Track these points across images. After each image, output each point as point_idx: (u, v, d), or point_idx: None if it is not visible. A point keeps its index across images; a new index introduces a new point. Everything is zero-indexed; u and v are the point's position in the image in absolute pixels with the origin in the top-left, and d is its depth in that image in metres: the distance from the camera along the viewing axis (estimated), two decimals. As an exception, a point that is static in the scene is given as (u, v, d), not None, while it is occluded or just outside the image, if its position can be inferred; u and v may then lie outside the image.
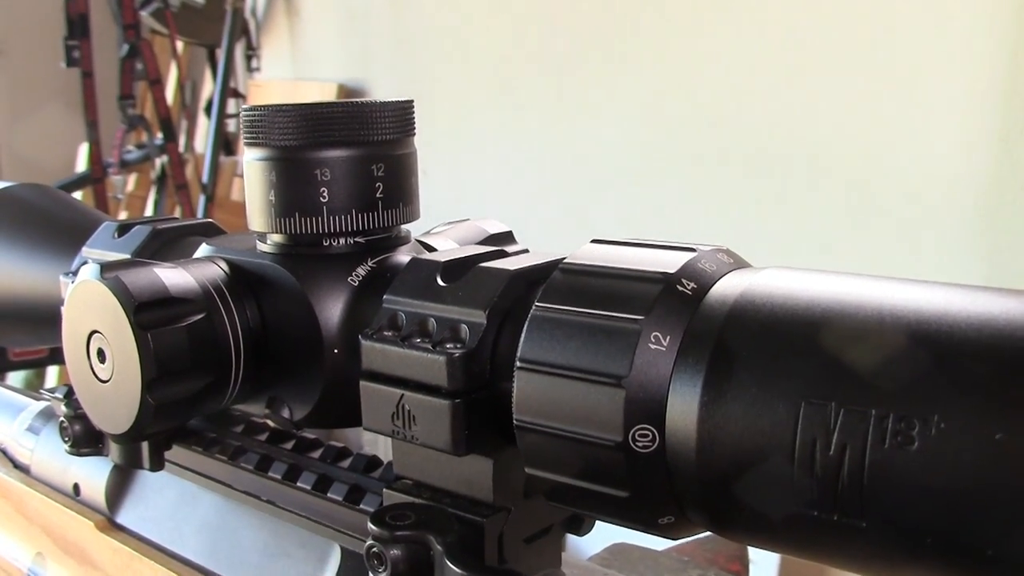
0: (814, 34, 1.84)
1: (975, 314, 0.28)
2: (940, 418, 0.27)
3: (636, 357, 0.32)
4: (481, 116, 2.63)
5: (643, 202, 2.22)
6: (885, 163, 1.77)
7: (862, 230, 1.82)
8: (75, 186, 2.98)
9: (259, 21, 3.33)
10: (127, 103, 2.84)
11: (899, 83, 1.73)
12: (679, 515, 0.33)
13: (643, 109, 2.18)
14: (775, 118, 1.92)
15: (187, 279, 0.43)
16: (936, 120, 1.69)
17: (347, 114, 0.42)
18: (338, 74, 3.07)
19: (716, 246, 0.36)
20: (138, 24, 2.83)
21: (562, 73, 2.37)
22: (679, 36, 2.09)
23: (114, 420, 0.43)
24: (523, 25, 2.46)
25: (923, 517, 0.27)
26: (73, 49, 2.76)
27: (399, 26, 2.88)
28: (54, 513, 0.61)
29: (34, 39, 3.32)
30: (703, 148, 2.07)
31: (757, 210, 1.98)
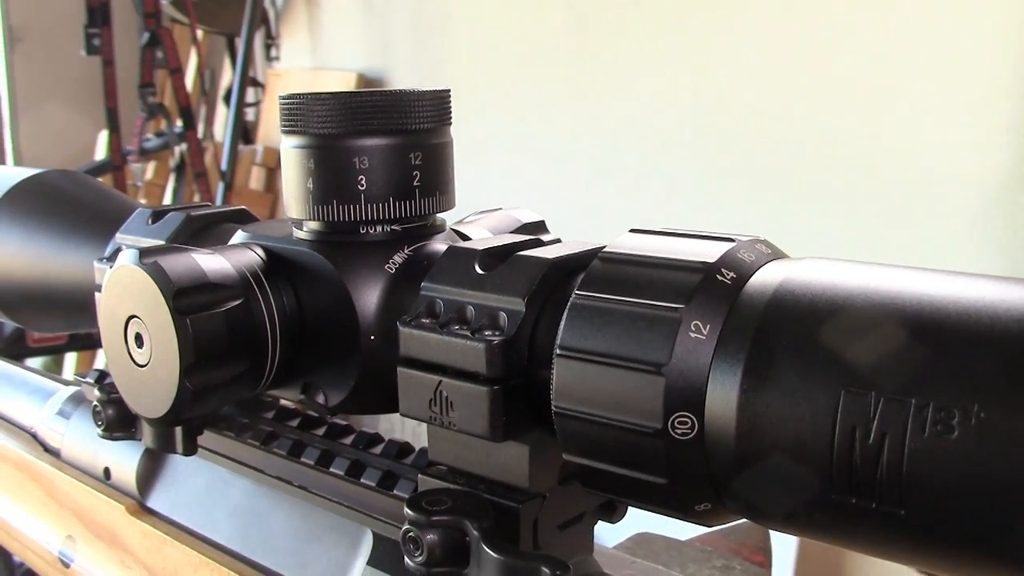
0: (835, 24, 1.84)
1: (1014, 304, 0.28)
2: (980, 408, 0.27)
3: (676, 345, 0.32)
4: (500, 105, 2.63)
5: (662, 192, 2.22)
6: (900, 157, 1.76)
7: (879, 223, 1.82)
8: (94, 174, 2.99)
9: (278, 10, 3.34)
10: (147, 91, 2.85)
11: (915, 77, 1.73)
12: (716, 502, 0.33)
13: (663, 99, 2.18)
14: (796, 112, 1.92)
15: (224, 265, 0.43)
16: (951, 114, 1.69)
17: (386, 103, 0.42)
18: (357, 63, 3.07)
19: (754, 236, 0.36)
20: (158, 13, 2.84)
21: (582, 62, 2.37)
22: (700, 25, 2.09)
23: (151, 404, 0.44)
24: (543, 14, 2.46)
25: (962, 506, 0.27)
26: (93, 37, 2.78)
27: (418, 15, 2.88)
28: (84, 497, 0.61)
29: (54, 27, 3.34)
30: (723, 139, 2.07)
31: (775, 203, 1.98)
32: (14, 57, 3.41)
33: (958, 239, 1.71)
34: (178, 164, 3.05)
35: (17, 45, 3.42)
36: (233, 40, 3.15)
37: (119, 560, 0.58)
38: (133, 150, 2.92)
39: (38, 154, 3.38)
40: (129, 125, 2.92)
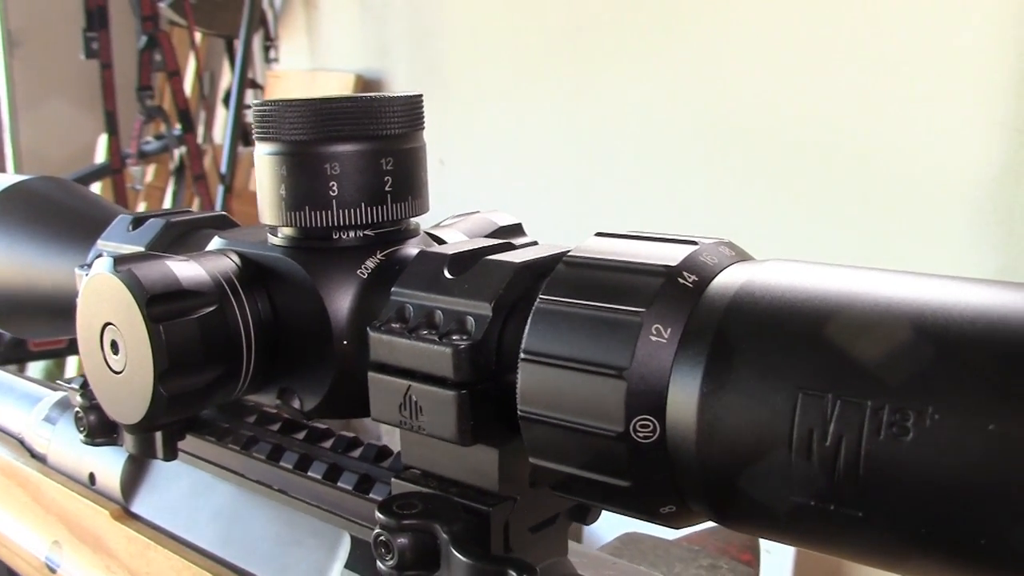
0: (829, 25, 1.84)
1: (970, 306, 0.28)
2: (934, 410, 0.27)
3: (637, 349, 0.32)
4: (497, 106, 2.63)
5: (659, 192, 2.22)
6: (896, 154, 1.76)
7: (875, 221, 1.82)
8: (94, 177, 2.99)
9: (277, 12, 3.34)
10: (145, 94, 2.85)
11: (911, 75, 1.73)
12: (680, 504, 0.34)
13: (659, 100, 2.18)
14: (792, 111, 1.92)
15: (199, 272, 0.44)
16: (948, 111, 1.69)
17: (356, 109, 0.43)
18: (355, 64, 3.08)
19: (718, 239, 0.36)
20: (156, 15, 2.85)
21: (579, 63, 2.37)
22: (696, 26, 2.09)
23: (127, 411, 0.44)
24: (540, 15, 2.46)
25: (918, 507, 0.27)
26: (92, 40, 2.78)
27: (416, 17, 2.88)
28: (70, 502, 0.61)
29: (53, 30, 3.34)
30: (719, 138, 2.07)
31: (772, 202, 1.98)
32: (13, 61, 3.42)
33: (954, 237, 1.71)
34: (177, 167, 3.06)
35: (16, 49, 3.42)
36: (232, 42, 3.16)
37: (104, 565, 0.59)
38: (132, 153, 2.92)
39: (38, 157, 3.39)
40: (128, 128, 2.92)
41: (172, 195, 3.15)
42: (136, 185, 3.02)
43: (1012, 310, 0.28)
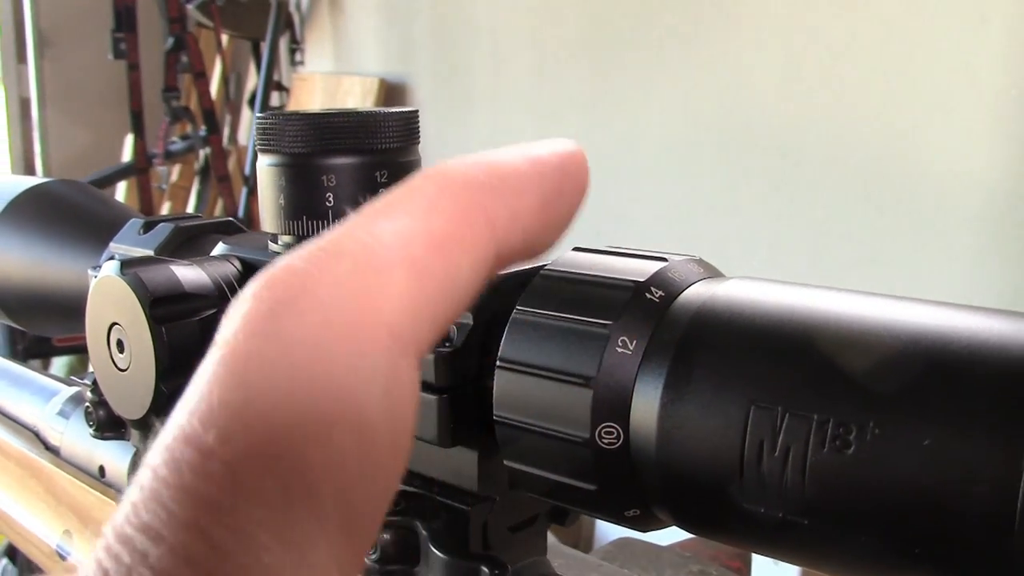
0: (846, 34, 1.85)
1: (915, 327, 0.30)
2: (875, 425, 0.29)
3: (604, 359, 0.34)
4: (519, 110, 2.66)
5: (677, 197, 2.24)
6: (907, 161, 1.77)
7: (891, 229, 1.83)
8: (120, 176, 3.04)
9: (303, 15, 3.38)
10: (171, 95, 2.89)
11: (922, 82, 1.74)
12: (644, 508, 0.35)
13: (678, 105, 2.20)
14: (809, 118, 1.93)
15: (201, 276, 0.46)
16: (959, 119, 1.70)
17: (352, 124, 0.45)
18: (380, 68, 3.11)
19: (689, 256, 0.38)
20: (184, 17, 2.88)
21: (599, 68, 2.39)
22: (716, 33, 2.10)
23: (131, 406, 0.46)
24: (561, 20, 2.48)
25: (858, 517, 0.29)
26: (120, 41, 2.82)
27: (439, 23, 2.91)
28: (81, 493, 0.64)
29: (82, 31, 3.38)
30: (738, 144, 2.08)
31: (790, 208, 1.99)
32: (44, 61, 3.46)
33: (963, 245, 1.72)
34: (202, 167, 3.09)
35: (47, 49, 3.47)
36: (258, 45, 3.19)
37: (111, 555, 0.61)
38: (158, 153, 2.96)
39: (66, 157, 3.43)
40: (154, 129, 2.96)
41: (196, 195, 3.19)
42: (162, 185, 3.07)
43: (954, 332, 0.29)
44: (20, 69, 3.51)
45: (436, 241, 0.26)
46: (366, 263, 0.25)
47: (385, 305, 0.25)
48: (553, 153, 0.31)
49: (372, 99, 3.01)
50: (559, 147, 0.31)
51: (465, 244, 0.27)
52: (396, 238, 0.26)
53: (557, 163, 0.30)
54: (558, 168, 0.30)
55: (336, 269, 0.24)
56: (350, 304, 0.24)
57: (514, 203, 0.29)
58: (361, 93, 3.08)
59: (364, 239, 0.25)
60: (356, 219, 0.26)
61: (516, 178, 0.29)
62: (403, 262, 0.26)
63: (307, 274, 0.24)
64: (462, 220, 0.27)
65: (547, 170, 0.30)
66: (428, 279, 0.26)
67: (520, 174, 0.29)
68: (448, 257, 0.27)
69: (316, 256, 0.24)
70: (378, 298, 0.25)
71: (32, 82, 3.47)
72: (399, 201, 0.27)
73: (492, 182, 0.28)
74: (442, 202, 0.27)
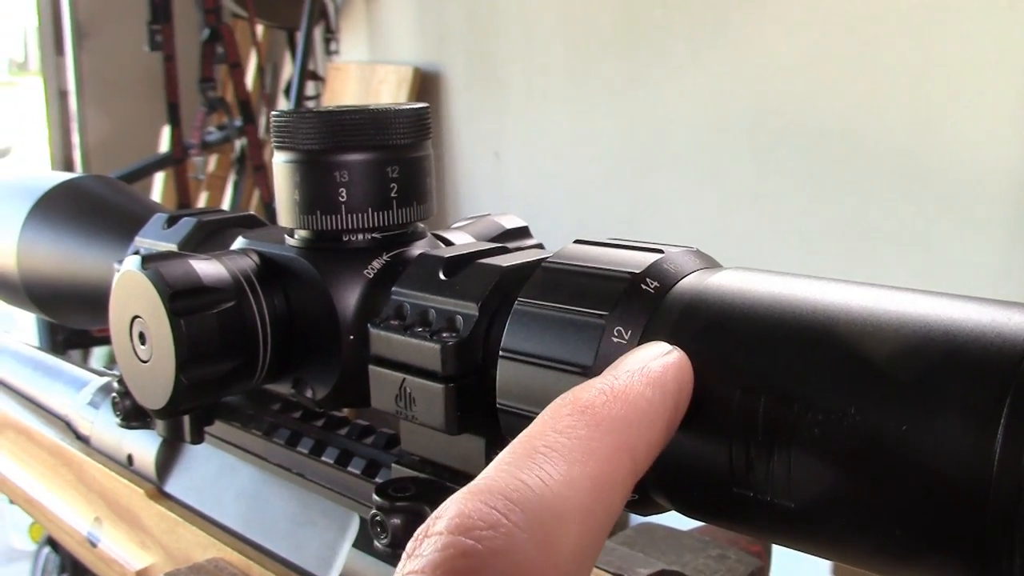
0: (874, 25, 1.84)
1: (895, 315, 0.31)
2: (856, 411, 0.30)
3: (600, 349, 0.35)
4: (553, 99, 2.66)
5: (707, 187, 2.24)
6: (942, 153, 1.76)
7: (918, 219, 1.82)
8: (157, 167, 3.07)
9: (338, 4, 3.39)
10: (207, 86, 2.91)
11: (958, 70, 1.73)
12: (643, 493, 0.37)
13: (709, 97, 2.20)
14: (838, 110, 1.93)
15: (220, 270, 0.47)
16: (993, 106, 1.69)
17: (364, 120, 0.46)
18: (414, 57, 3.12)
19: (686, 247, 0.39)
20: (219, 8, 2.90)
21: (631, 59, 2.39)
22: (746, 25, 2.10)
23: (153, 397, 0.48)
24: (595, 8, 2.49)
25: (841, 499, 0.30)
26: (156, 33, 2.85)
27: (473, 11, 2.91)
28: (110, 481, 0.66)
29: (119, 22, 3.42)
30: (767, 135, 2.08)
31: (820, 196, 1.99)
32: (81, 53, 3.50)
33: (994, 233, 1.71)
34: (238, 157, 3.12)
35: (84, 41, 3.51)
36: (293, 34, 3.21)
37: (139, 541, 0.63)
38: (195, 143, 2.98)
39: (104, 148, 3.47)
40: (191, 119, 2.99)
41: (233, 185, 3.21)
42: (198, 175, 3.09)
43: (934, 319, 0.30)
44: (58, 61, 3.56)
45: (598, 486, 0.28)
46: (547, 512, 0.27)
47: (562, 554, 0.26)
48: (666, 367, 0.32)
49: (407, 88, 3.03)
50: (669, 360, 0.33)
51: (618, 484, 0.29)
52: (567, 486, 0.27)
53: (673, 381, 0.32)
54: (675, 387, 0.32)
55: (523, 520, 0.26)
56: (535, 555, 0.26)
57: (649, 435, 0.31)
58: (396, 82, 3.09)
59: (541, 488, 0.27)
60: (521, 461, 0.28)
61: (648, 409, 0.31)
62: (577, 510, 0.27)
63: (499, 524, 0.26)
64: (615, 461, 0.29)
65: (668, 391, 0.32)
66: (594, 523, 0.28)
67: (649, 403, 0.31)
68: (608, 499, 0.29)
69: (502, 504, 0.26)
70: (557, 549, 0.26)
71: (70, 74, 3.51)
72: (556, 443, 0.29)
73: (630, 416, 0.30)
74: (594, 444, 0.29)
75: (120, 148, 3.32)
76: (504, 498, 0.26)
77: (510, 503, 0.26)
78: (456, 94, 2.99)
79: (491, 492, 0.26)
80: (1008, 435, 0.26)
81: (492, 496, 0.26)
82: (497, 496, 0.26)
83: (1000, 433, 0.27)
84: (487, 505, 0.26)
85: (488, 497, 0.26)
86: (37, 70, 3.88)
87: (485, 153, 2.88)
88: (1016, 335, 0.28)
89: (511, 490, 0.27)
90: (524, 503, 0.26)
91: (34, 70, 3.91)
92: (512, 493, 0.26)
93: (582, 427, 0.29)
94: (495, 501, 0.26)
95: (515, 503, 0.26)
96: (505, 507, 0.26)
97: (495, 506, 0.26)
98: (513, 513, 0.26)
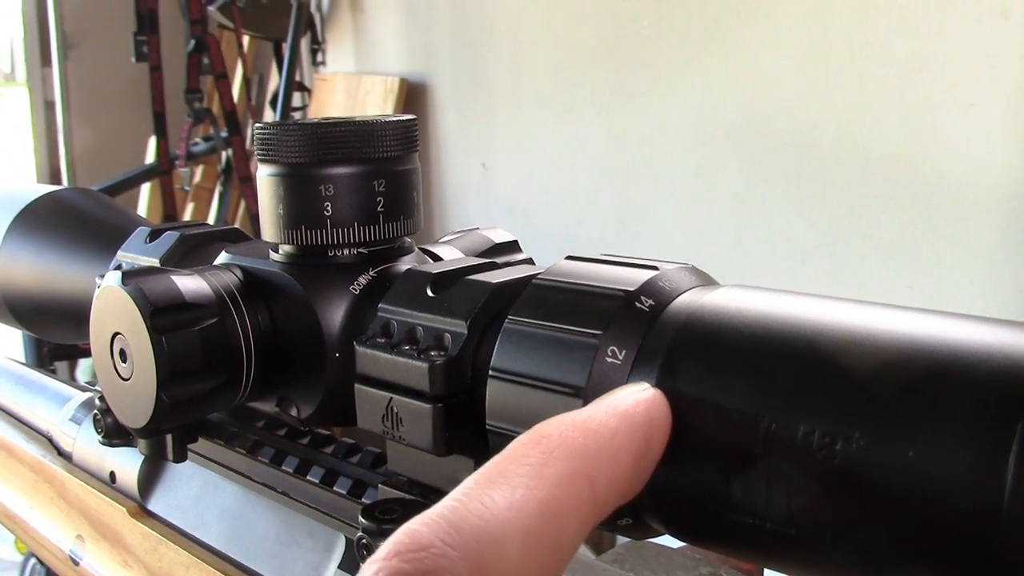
0: (864, 33, 1.84)
1: (897, 335, 0.30)
2: (860, 435, 0.29)
3: (594, 369, 0.34)
4: (541, 109, 2.66)
5: (697, 197, 2.23)
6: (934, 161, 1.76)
7: (910, 228, 1.82)
8: (143, 178, 3.06)
9: (324, 15, 3.39)
10: (193, 97, 2.90)
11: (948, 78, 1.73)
12: (636, 517, 0.36)
13: (697, 106, 2.19)
14: (828, 118, 1.92)
15: (202, 286, 0.46)
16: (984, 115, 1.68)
17: (349, 133, 0.45)
18: (401, 68, 3.11)
19: (682, 264, 0.38)
20: (205, 19, 2.90)
21: (618, 69, 2.38)
22: (734, 34, 2.09)
23: (134, 415, 0.46)
24: (582, 18, 2.48)
25: (844, 528, 0.29)
26: (142, 44, 2.84)
27: (460, 22, 2.91)
28: (92, 499, 0.64)
29: (105, 33, 3.41)
30: (756, 144, 2.07)
31: (808, 208, 1.99)
32: (68, 64, 3.49)
33: (985, 242, 1.71)
34: (225, 168, 3.11)
35: (71, 52, 3.49)
36: (280, 46, 3.20)
37: (122, 560, 0.61)
38: (180, 155, 2.97)
39: (90, 159, 3.46)
40: (177, 130, 2.98)
41: (219, 196, 3.20)
42: (184, 186, 3.08)
43: (939, 341, 0.29)
44: (45, 72, 3.54)
45: (546, 511, 0.28)
46: (483, 534, 0.27)
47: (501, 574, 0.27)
48: (637, 403, 0.32)
49: (394, 98, 3.02)
50: (642, 396, 0.32)
51: (571, 511, 0.29)
52: (509, 510, 0.28)
53: (643, 415, 0.32)
54: (646, 419, 0.32)
55: (458, 541, 0.26)
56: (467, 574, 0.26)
57: (611, 466, 0.30)
58: (383, 93, 3.08)
59: (481, 511, 0.27)
60: (471, 487, 0.28)
61: (611, 439, 0.31)
62: (517, 534, 0.27)
63: (431, 546, 0.26)
64: (568, 487, 0.29)
65: (636, 424, 0.31)
66: (539, 547, 0.28)
67: (614, 433, 0.31)
68: (557, 525, 0.28)
69: (439, 527, 0.26)
70: (496, 570, 0.26)
71: (56, 85, 3.49)
72: (507, 470, 0.29)
73: (589, 444, 0.30)
74: (547, 470, 0.29)
75: (106, 159, 3.31)
76: (443, 521, 0.27)
77: (447, 526, 0.27)
78: (443, 104, 2.98)
79: (432, 517, 0.27)
80: (1020, 462, 0.26)
81: (432, 520, 0.27)
82: (437, 520, 0.27)
83: (1012, 460, 0.26)
84: (426, 528, 0.26)
85: (429, 521, 0.27)
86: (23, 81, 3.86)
87: (472, 164, 2.87)
88: None
89: (451, 513, 0.27)
90: (461, 525, 0.27)
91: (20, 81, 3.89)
92: (451, 517, 0.27)
93: (535, 455, 0.29)
94: (434, 525, 0.27)
95: (452, 525, 0.27)
96: (441, 530, 0.26)
97: (433, 529, 0.26)
98: (448, 536, 0.26)
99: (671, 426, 0.32)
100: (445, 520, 0.27)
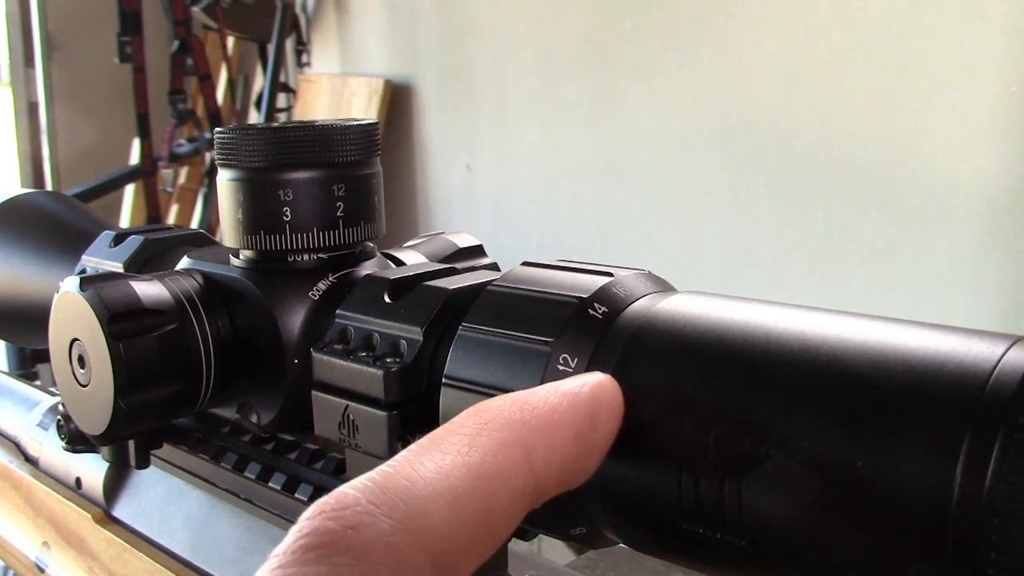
0: (847, 36, 1.84)
1: (851, 344, 0.30)
2: (810, 444, 0.28)
3: (545, 377, 0.34)
4: (525, 111, 2.66)
5: (680, 199, 2.23)
6: (916, 164, 1.76)
7: (891, 231, 1.82)
8: (126, 179, 3.05)
9: (309, 16, 3.38)
10: (177, 98, 2.89)
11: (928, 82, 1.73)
12: (590, 526, 0.35)
13: (681, 108, 2.19)
14: (812, 121, 1.93)
15: (161, 291, 0.46)
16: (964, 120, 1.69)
17: (309, 137, 0.44)
18: (386, 69, 3.11)
19: (638, 270, 0.38)
20: (189, 20, 2.89)
21: (603, 70, 2.38)
22: (718, 36, 2.10)
23: (92, 422, 0.46)
24: (566, 20, 2.48)
25: (795, 538, 0.29)
26: (126, 45, 2.83)
27: (444, 23, 2.91)
28: (58, 505, 0.64)
29: (89, 34, 3.39)
30: (739, 146, 2.07)
31: (791, 211, 1.99)
32: (51, 65, 3.47)
33: (966, 244, 1.71)
34: (209, 170, 3.09)
35: (54, 52, 3.48)
36: (264, 47, 3.19)
37: (87, 567, 0.61)
38: (164, 156, 2.96)
39: (74, 160, 3.44)
40: (161, 131, 2.97)
41: (203, 197, 3.19)
42: (167, 188, 3.07)
43: (891, 349, 0.29)
44: (28, 73, 3.52)
45: (476, 474, 0.29)
46: (408, 493, 0.27)
47: (426, 532, 0.27)
48: (584, 384, 0.32)
49: (378, 100, 3.01)
50: (590, 379, 0.33)
51: (503, 476, 0.29)
52: (438, 473, 0.28)
53: (588, 394, 0.32)
54: (590, 399, 0.32)
55: (382, 499, 0.27)
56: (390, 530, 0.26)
57: (549, 436, 0.31)
58: (367, 94, 3.08)
59: (410, 473, 0.28)
60: (404, 455, 0.29)
61: (550, 412, 0.31)
62: (444, 494, 0.28)
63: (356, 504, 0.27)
64: (500, 454, 0.30)
65: (579, 401, 0.32)
66: (467, 509, 0.28)
67: (553, 408, 0.31)
68: (486, 488, 0.29)
69: (365, 488, 0.27)
70: (420, 526, 0.27)
71: (40, 85, 3.48)
72: (441, 439, 0.30)
73: (526, 417, 0.31)
74: (480, 439, 0.30)
75: (90, 160, 3.29)
76: (370, 483, 0.27)
77: (374, 487, 0.27)
78: (428, 106, 2.98)
79: (361, 480, 0.28)
80: (967, 470, 0.25)
81: (360, 483, 0.27)
82: (365, 483, 0.27)
83: (959, 469, 0.25)
84: (353, 489, 0.27)
85: (357, 484, 0.27)
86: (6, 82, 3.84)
87: (456, 165, 2.87)
88: (976, 366, 0.27)
89: (380, 476, 0.28)
90: (387, 486, 0.27)
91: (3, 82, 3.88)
92: (379, 479, 0.28)
93: (470, 425, 0.30)
94: (361, 487, 0.27)
95: (378, 486, 0.27)
96: (368, 491, 0.27)
97: (359, 490, 0.27)
98: (373, 495, 0.27)
99: (623, 412, 0.32)
100: (372, 482, 0.27)
